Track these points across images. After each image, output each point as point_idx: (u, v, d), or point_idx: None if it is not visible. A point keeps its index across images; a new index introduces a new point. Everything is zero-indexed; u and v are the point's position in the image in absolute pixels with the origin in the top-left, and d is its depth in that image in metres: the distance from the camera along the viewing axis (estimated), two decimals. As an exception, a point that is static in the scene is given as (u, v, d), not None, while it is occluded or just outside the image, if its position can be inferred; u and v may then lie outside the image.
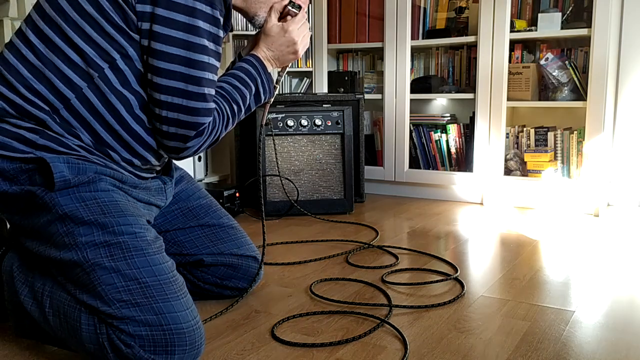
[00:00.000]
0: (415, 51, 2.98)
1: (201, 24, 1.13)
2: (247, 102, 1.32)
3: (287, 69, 1.57)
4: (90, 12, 1.12)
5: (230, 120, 1.28)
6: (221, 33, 1.19)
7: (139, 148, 1.21)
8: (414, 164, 2.94)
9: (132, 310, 1.06)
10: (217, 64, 1.20)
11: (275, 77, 1.44)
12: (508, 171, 2.69)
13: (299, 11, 1.34)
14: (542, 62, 2.54)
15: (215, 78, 1.21)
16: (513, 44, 2.65)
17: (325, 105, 2.62)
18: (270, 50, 1.35)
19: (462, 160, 2.85)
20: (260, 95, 1.35)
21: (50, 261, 1.14)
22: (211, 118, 1.20)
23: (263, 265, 1.55)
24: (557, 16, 2.49)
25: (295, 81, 3.27)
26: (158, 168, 1.34)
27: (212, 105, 1.20)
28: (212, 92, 1.20)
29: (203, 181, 2.92)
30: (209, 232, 1.45)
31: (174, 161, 1.49)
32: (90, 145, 1.17)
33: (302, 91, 3.22)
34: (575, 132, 2.56)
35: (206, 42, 1.15)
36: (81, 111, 1.15)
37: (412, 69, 2.96)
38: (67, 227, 1.10)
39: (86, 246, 1.09)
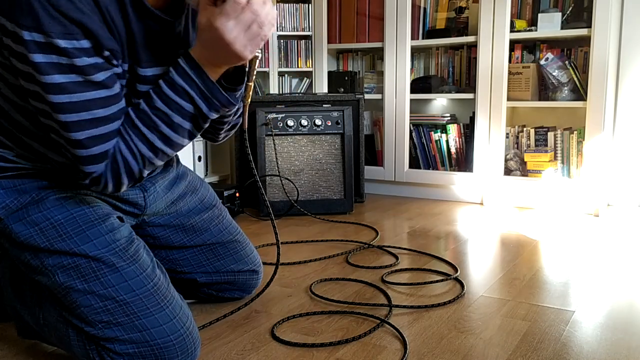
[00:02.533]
0: (415, 51, 2.97)
1: (39, 58, 0.88)
2: (184, 124, 1.02)
3: (257, 68, 1.11)
4: None
5: (150, 154, 1.02)
6: (83, 60, 0.91)
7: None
8: (414, 164, 2.94)
9: (115, 330, 1.02)
10: (97, 94, 0.95)
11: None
12: (508, 171, 2.69)
13: None
14: (542, 62, 2.54)
15: (104, 113, 0.96)
16: (513, 44, 2.65)
17: (325, 105, 2.62)
18: (204, 49, 0.99)
19: (462, 160, 2.85)
20: (203, 110, 1.01)
21: (33, 280, 1.12)
22: (104, 164, 0.98)
23: (275, 270, 1.53)
24: (557, 16, 2.49)
25: (295, 81, 3.27)
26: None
27: (99, 149, 0.97)
28: (100, 132, 0.96)
29: (203, 181, 2.92)
30: (206, 250, 1.39)
31: (180, 163, 1.42)
32: (25, 156, 1.07)
33: (302, 91, 3.22)
34: (575, 132, 2.56)
35: (59, 79, 0.90)
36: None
37: (412, 69, 2.96)
38: (30, 252, 1.05)
39: (55, 269, 1.03)
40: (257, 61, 1.07)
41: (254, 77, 1.09)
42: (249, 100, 1.10)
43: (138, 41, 1.01)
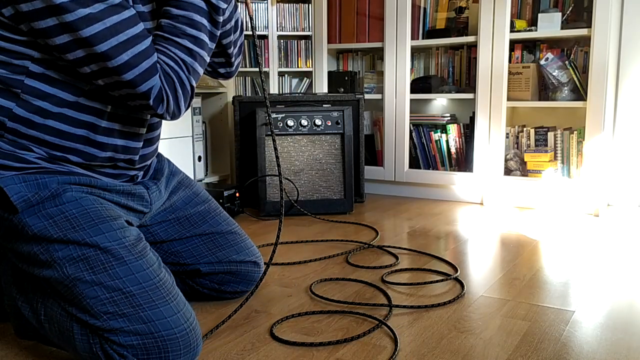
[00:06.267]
0: (415, 51, 2.98)
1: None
2: (203, 21, 1.14)
3: None
4: None
5: (190, 59, 1.12)
6: None
7: (97, 137, 1.14)
8: (414, 164, 2.94)
9: (119, 321, 1.04)
10: (122, 16, 1.03)
11: None
12: (508, 171, 2.69)
13: None
14: (542, 62, 2.54)
15: (136, 31, 1.05)
16: (513, 44, 2.65)
17: (325, 105, 2.62)
18: None
19: (462, 160, 2.85)
20: (212, 1, 1.14)
21: (35, 277, 1.13)
22: (156, 77, 1.07)
23: (268, 265, 1.54)
24: (557, 16, 2.49)
25: (295, 81, 3.27)
26: (133, 172, 1.27)
27: (147, 64, 1.06)
28: (140, 48, 1.05)
29: (203, 181, 2.92)
30: (206, 240, 1.41)
31: (172, 163, 1.46)
32: (45, 157, 1.11)
33: (302, 91, 3.23)
34: (575, 132, 2.56)
35: (86, 11, 0.99)
36: (22, 130, 1.09)
37: (412, 69, 2.96)
38: (41, 245, 1.07)
39: (64, 261, 1.06)
40: None
41: None
42: None
43: None
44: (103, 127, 1.15)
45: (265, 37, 3.10)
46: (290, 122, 2.47)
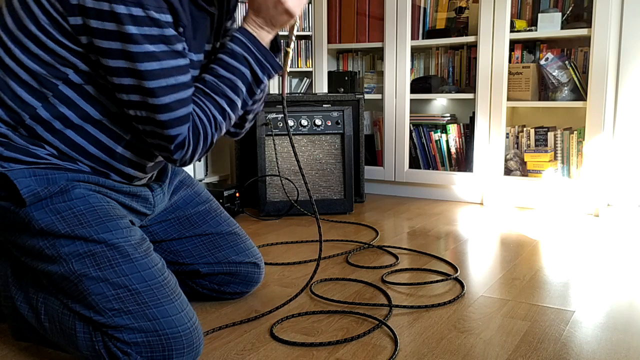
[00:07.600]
0: (415, 51, 2.98)
1: (133, 29, 1.00)
2: (243, 88, 1.17)
3: (295, 33, 1.31)
4: (31, 30, 1.05)
5: (220, 118, 1.15)
6: (169, 31, 1.04)
7: (109, 160, 1.16)
8: (414, 164, 2.94)
9: (125, 318, 1.05)
10: (178, 62, 1.07)
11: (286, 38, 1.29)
12: (508, 171, 2.69)
13: None
14: (542, 62, 2.54)
15: (184, 79, 1.08)
16: (513, 44, 2.65)
17: (325, 105, 2.62)
18: (257, 17, 1.16)
19: (462, 160, 2.85)
20: (258, 74, 1.18)
21: (39, 272, 1.13)
22: (187, 126, 1.09)
23: (318, 264, 1.53)
24: (557, 16, 2.49)
25: (295, 81, 3.27)
26: (143, 181, 1.28)
27: (183, 112, 1.08)
28: (182, 96, 1.08)
29: (203, 181, 2.92)
30: (206, 240, 1.42)
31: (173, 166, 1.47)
32: (56, 155, 1.12)
33: (302, 91, 3.23)
34: (575, 132, 2.56)
35: (150, 48, 1.02)
36: (39, 131, 1.09)
37: (412, 69, 2.96)
38: (47, 240, 1.08)
39: (70, 257, 1.06)
40: (296, 26, 1.23)
41: (293, 42, 1.24)
42: (288, 68, 1.25)
43: (189, 26, 1.14)
44: (118, 153, 1.16)
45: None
46: (290, 122, 2.47)
